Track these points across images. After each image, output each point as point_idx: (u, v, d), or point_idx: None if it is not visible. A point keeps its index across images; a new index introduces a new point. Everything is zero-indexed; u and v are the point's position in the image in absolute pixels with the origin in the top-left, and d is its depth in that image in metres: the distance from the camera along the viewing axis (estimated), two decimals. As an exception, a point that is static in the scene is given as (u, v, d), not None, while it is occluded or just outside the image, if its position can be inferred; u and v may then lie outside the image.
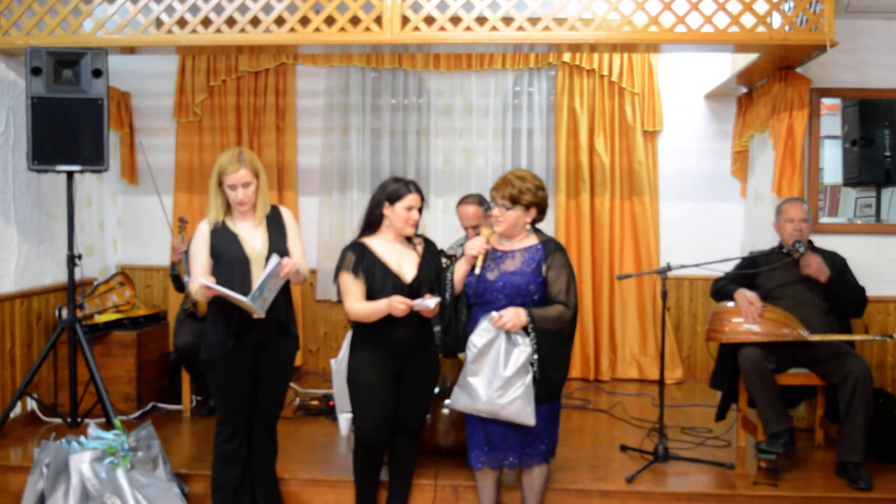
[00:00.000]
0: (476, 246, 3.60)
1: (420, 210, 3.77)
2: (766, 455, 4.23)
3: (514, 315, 3.46)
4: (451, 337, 3.69)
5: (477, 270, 3.60)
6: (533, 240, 3.69)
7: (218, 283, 3.59)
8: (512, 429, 3.59)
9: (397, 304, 3.57)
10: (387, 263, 3.73)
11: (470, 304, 3.69)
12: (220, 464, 3.83)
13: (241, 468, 3.86)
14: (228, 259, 3.66)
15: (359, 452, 3.92)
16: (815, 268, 4.58)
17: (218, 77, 6.59)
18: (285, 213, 3.91)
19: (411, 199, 3.72)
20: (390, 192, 3.75)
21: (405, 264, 3.76)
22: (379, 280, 3.69)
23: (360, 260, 3.73)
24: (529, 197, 3.60)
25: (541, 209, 3.67)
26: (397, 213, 3.72)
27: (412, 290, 3.68)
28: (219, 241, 3.70)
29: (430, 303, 3.57)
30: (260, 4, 4.78)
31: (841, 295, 4.62)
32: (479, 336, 3.49)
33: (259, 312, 3.59)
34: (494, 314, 3.48)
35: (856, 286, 4.69)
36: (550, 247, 3.64)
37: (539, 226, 3.76)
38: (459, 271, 3.70)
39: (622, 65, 6.48)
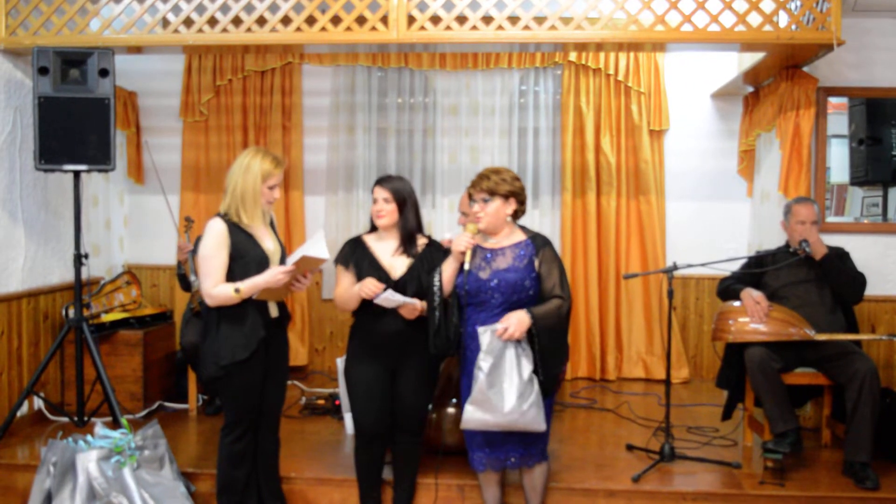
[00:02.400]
0: (463, 242, 3.58)
1: (391, 202, 3.77)
2: (772, 454, 4.22)
3: (518, 323, 3.42)
4: (442, 339, 3.65)
5: (466, 266, 3.58)
6: (520, 235, 3.68)
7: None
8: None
9: (366, 286, 3.64)
10: (378, 258, 3.80)
11: (462, 305, 3.67)
12: (229, 464, 3.82)
13: (248, 468, 3.87)
14: (253, 259, 3.66)
15: (358, 448, 3.96)
16: (815, 240, 4.55)
17: (224, 76, 6.60)
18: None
19: (374, 190, 3.81)
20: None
21: (398, 262, 3.80)
22: (365, 273, 3.75)
23: (352, 253, 3.84)
24: (506, 187, 3.61)
25: (519, 200, 3.66)
26: (372, 207, 3.84)
27: (397, 288, 3.71)
28: (239, 241, 3.67)
29: (398, 297, 3.62)
30: (266, 4, 4.78)
31: (835, 274, 4.58)
32: (485, 358, 3.42)
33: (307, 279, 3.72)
34: (498, 327, 3.43)
35: (852, 269, 4.67)
36: (539, 241, 3.64)
37: (545, 225, 3.76)
38: (448, 271, 3.67)
39: (628, 64, 6.47)
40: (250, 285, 3.58)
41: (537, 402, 3.45)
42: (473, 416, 3.49)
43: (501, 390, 3.43)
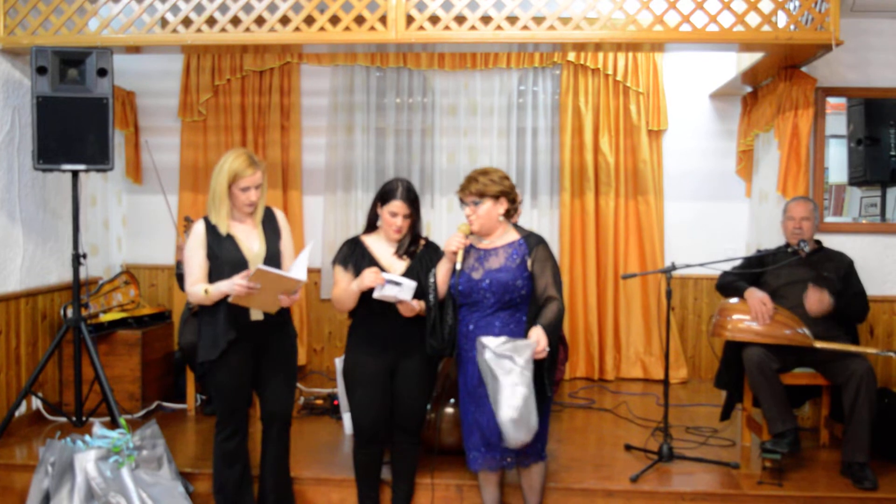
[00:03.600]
0: (454, 242, 3.57)
1: (410, 216, 3.76)
2: (770, 455, 4.22)
3: (545, 337, 3.39)
4: (437, 339, 3.65)
5: (458, 267, 3.57)
6: (513, 235, 3.67)
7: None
8: None
9: (366, 276, 3.61)
10: (377, 260, 3.79)
11: (457, 305, 3.66)
12: (222, 463, 3.83)
13: (242, 467, 3.87)
14: (228, 261, 3.66)
15: (357, 448, 3.96)
16: (815, 305, 4.49)
17: (223, 76, 6.59)
18: (279, 214, 3.93)
19: (395, 205, 3.73)
20: (381, 192, 3.81)
21: (396, 262, 3.80)
22: None
23: (351, 254, 3.82)
24: (495, 188, 3.59)
25: (510, 199, 3.65)
26: (384, 216, 3.78)
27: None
28: (216, 243, 3.69)
29: (394, 277, 3.60)
30: (265, 4, 4.77)
31: (845, 314, 4.60)
32: (523, 375, 3.34)
33: (296, 298, 3.69)
34: (532, 344, 3.36)
35: (856, 293, 4.67)
36: (532, 241, 3.63)
37: (543, 225, 3.75)
38: (441, 271, 3.67)
39: (627, 64, 6.47)
40: (215, 289, 3.61)
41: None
42: (517, 435, 3.39)
43: (532, 405, 3.39)
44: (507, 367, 3.36)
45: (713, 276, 5.02)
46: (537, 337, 3.40)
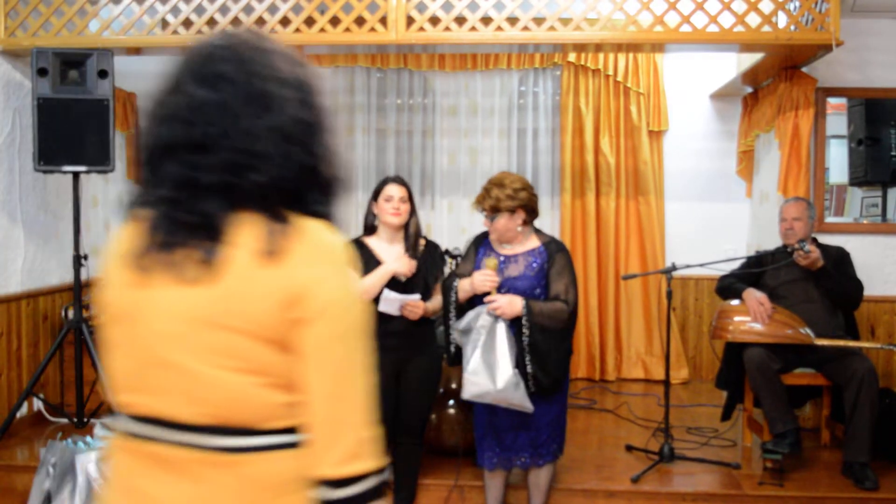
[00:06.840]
0: (487, 284, 3.49)
1: (407, 202, 3.78)
2: (771, 455, 4.22)
3: (508, 303, 3.42)
4: (456, 347, 3.65)
5: (493, 296, 3.47)
6: (535, 242, 3.65)
7: None
8: (522, 429, 3.58)
9: (391, 268, 3.71)
10: (381, 260, 3.80)
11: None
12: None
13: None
14: None
15: None
16: (807, 259, 4.53)
17: (223, 77, 6.58)
18: None
19: (389, 188, 3.77)
20: (374, 190, 3.86)
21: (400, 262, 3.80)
22: None
23: (356, 254, 3.78)
24: (509, 203, 3.53)
25: (528, 209, 3.60)
26: (380, 207, 3.80)
27: (404, 289, 3.72)
28: None
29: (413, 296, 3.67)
30: (265, 5, 4.78)
31: (830, 285, 4.57)
32: (479, 332, 3.43)
33: None
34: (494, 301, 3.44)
35: (849, 278, 4.66)
36: (553, 248, 3.61)
37: (544, 225, 3.73)
38: (463, 294, 3.62)
39: (627, 65, 6.47)
40: None
41: (521, 384, 3.43)
42: (470, 388, 3.43)
43: (495, 365, 3.39)
44: (473, 337, 3.44)
45: (714, 276, 5.02)
46: (497, 296, 3.44)
